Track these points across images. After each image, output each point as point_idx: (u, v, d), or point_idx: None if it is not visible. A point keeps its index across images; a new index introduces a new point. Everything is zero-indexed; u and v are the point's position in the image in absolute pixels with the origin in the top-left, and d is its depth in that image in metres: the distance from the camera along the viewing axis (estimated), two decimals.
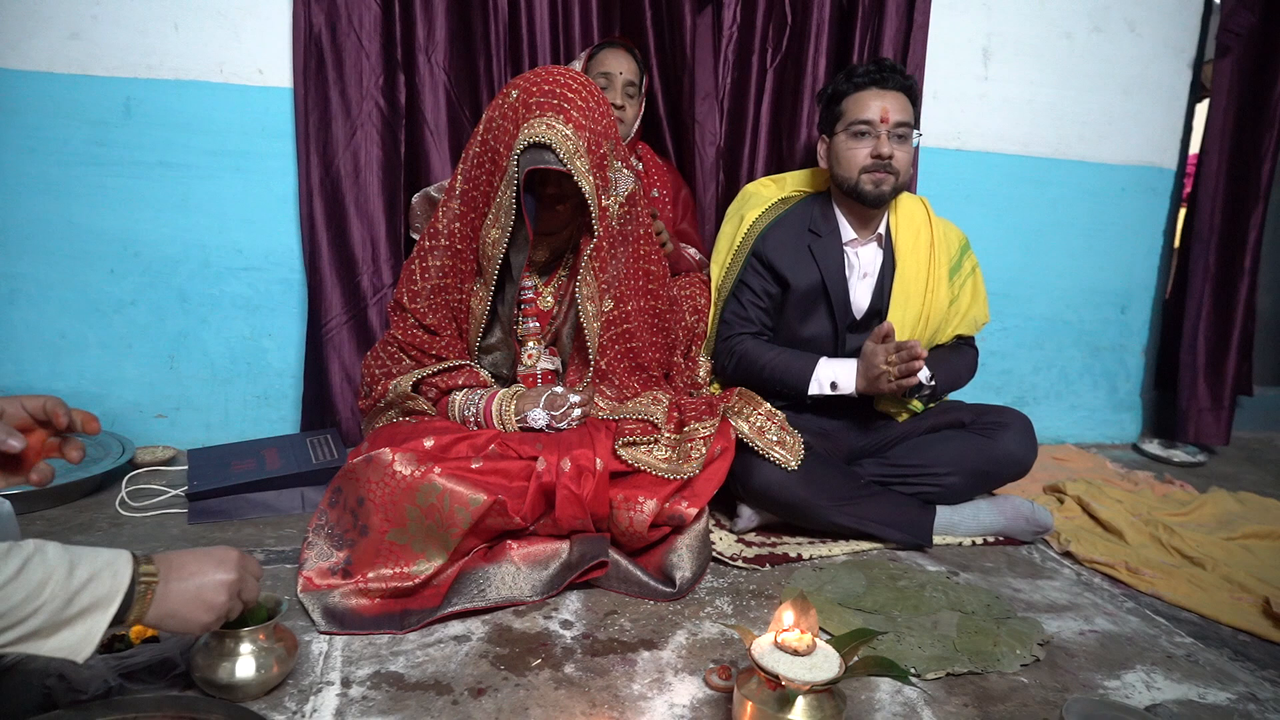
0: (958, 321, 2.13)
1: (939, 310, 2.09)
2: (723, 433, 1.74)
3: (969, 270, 2.15)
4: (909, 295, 2.06)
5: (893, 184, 1.99)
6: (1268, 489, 2.46)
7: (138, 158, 2.21)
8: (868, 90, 2.00)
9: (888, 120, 1.97)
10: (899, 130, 1.98)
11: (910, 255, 2.08)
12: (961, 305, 2.13)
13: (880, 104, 1.97)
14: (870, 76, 2.00)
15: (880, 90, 1.99)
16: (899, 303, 2.06)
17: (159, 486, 1.98)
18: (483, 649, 1.38)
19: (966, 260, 2.16)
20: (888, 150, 1.96)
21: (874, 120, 1.97)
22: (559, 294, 1.86)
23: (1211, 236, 2.88)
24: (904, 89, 2.01)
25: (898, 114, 1.97)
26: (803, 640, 1.12)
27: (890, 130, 1.97)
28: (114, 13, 2.14)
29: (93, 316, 2.25)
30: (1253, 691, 1.39)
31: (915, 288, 2.07)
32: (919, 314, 2.07)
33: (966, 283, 2.14)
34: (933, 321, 2.09)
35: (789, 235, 2.08)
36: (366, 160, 2.28)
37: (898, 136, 1.99)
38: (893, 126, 1.97)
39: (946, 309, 2.10)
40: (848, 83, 2.03)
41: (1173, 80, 2.86)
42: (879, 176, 1.98)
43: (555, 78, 1.66)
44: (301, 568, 1.55)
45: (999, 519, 1.96)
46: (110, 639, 1.24)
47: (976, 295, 2.16)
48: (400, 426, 1.69)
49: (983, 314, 2.18)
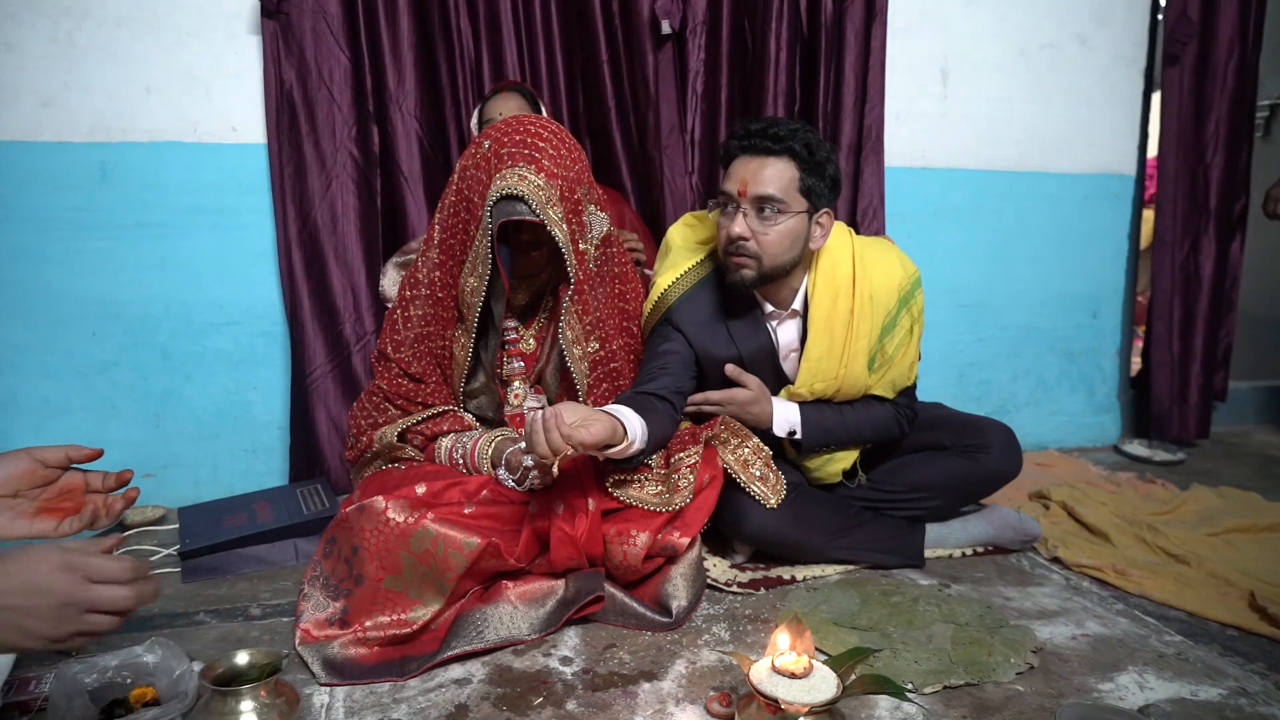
0: (876, 384, 1.90)
1: (853, 381, 1.86)
2: (709, 461, 1.76)
3: (905, 328, 1.87)
4: (818, 373, 1.85)
5: (755, 269, 1.73)
6: (1247, 483, 2.51)
7: (115, 220, 2.22)
8: (737, 159, 1.73)
9: (745, 194, 1.69)
10: (763, 205, 1.69)
11: (823, 331, 1.82)
12: (887, 368, 1.88)
13: (741, 174, 1.70)
14: (740, 141, 1.72)
15: (748, 158, 1.71)
16: (804, 380, 1.85)
17: (151, 547, 1.98)
18: (484, 690, 1.39)
19: (904, 316, 1.86)
20: (737, 230, 1.70)
21: (731, 193, 1.72)
22: (540, 335, 1.88)
23: (1174, 238, 2.96)
24: (782, 153, 1.69)
25: (760, 186, 1.68)
26: (799, 663, 1.14)
27: (749, 205, 1.70)
28: (85, 79, 2.17)
29: (76, 380, 2.25)
30: (1243, 685, 1.41)
31: (825, 366, 1.84)
32: (825, 389, 1.87)
33: (901, 344, 1.87)
34: (844, 393, 1.89)
35: (702, 311, 1.84)
36: (343, 209, 2.31)
37: (761, 213, 1.70)
38: (752, 201, 1.69)
39: (866, 377, 1.87)
40: (725, 147, 1.78)
41: (1127, 90, 2.94)
42: (736, 261, 1.74)
43: (526, 127, 1.69)
44: (299, 620, 1.55)
45: (987, 530, 1.99)
46: (110, 703, 1.24)
47: (905, 357, 1.89)
48: (391, 474, 1.70)
49: (904, 377, 1.92)
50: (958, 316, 2.88)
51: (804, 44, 2.56)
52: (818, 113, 2.55)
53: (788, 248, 1.74)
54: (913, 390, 2.00)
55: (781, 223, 1.71)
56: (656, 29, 2.42)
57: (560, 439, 1.39)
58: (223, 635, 1.59)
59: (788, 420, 1.89)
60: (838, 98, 2.56)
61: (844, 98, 2.55)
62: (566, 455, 1.41)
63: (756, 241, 1.71)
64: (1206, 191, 2.95)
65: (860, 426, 1.92)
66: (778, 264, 1.75)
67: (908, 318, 1.87)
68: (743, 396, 1.84)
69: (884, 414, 1.94)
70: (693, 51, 2.51)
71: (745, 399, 1.84)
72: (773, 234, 1.71)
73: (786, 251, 1.74)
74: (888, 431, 1.96)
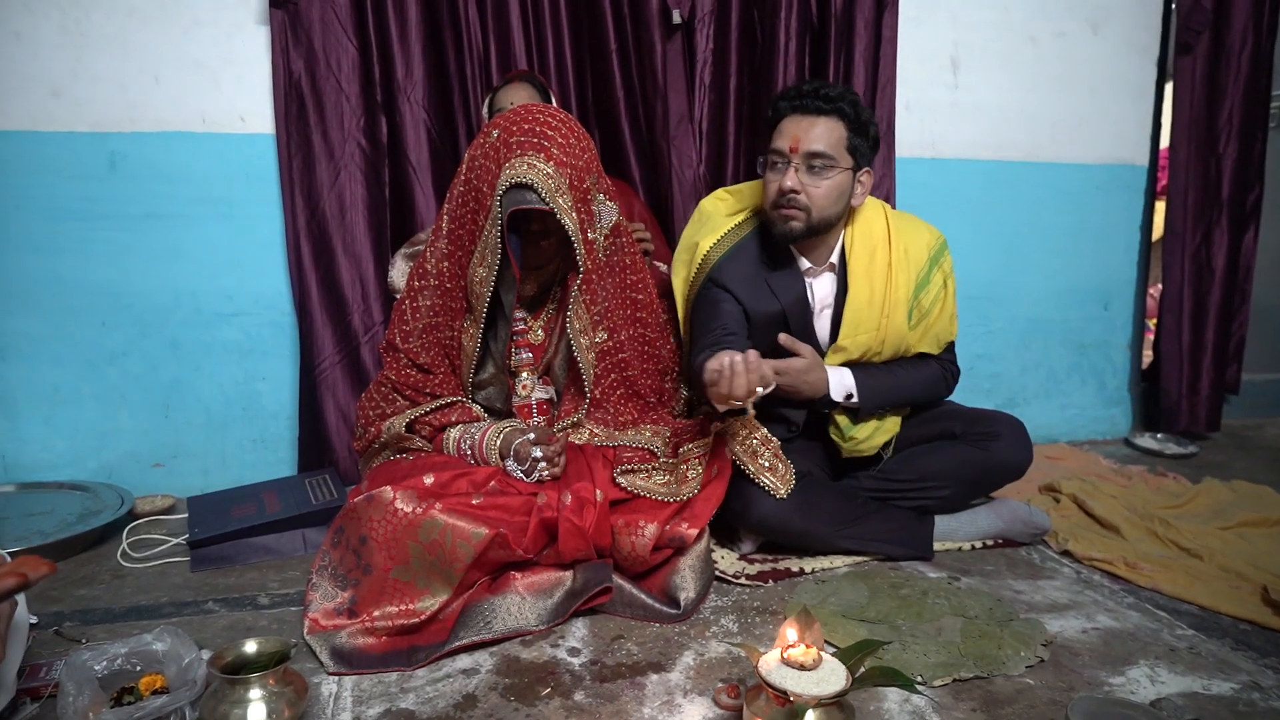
0: (920, 340, 1.97)
1: (897, 335, 1.93)
2: (717, 453, 1.76)
3: (939, 284, 1.97)
4: (860, 324, 1.91)
5: (804, 221, 1.82)
6: (1260, 476, 2.48)
7: (124, 210, 2.23)
8: (787, 118, 1.83)
9: (797, 150, 1.79)
10: (813, 161, 1.79)
11: (863, 280, 1.91)
12: (928, 322, 1.96)
13: (794, 132, 1.80)
14: (791, 102, 1.83)
15: (799, 117, 1.81)
16: (848, 332, 1.91)
17: (160, 536, 1.99)
18: (492, 681, 1.39)
19: (936, 273, 1.97)
20: (789, 184, 1.79)
21: (783, 149, 1.81)
22: (548, 327, 1.88)
23: (1185, 229, 2.93)
24: (832, 113, 1.80)
25: (812, 143, 1.78)
26: (808, 655, 1.13)
27: (801, 161, 1.79)
28: (94, 69, 2.17)
29: (86, 369, 2.26)
30: (1255, 680, 1.40)
31: (867, 315, 1.91)
32: (871, 341, 1.92)
33: (937, 298, 1.96)
34: (890, 346, 1.94)
35: (745, 267, 1.92)
36: (352, 200, 2.31)
37: (811, 168, 1.80)
38: (803, 157, 1.79)
39: (907, 331, 1.94)
40: (773, 108, 1.87)
41: (1139, 78, 2.91)
42: (786, 213, 1.82)
43: (535, 116, 1.68)
44: (307, 609, 1.55)
45: (997, 523, 1.98)
46: (119, 692, 1.24)
47: (944, 311, 1.97)
48: (399, 464, 1.70)
49: (947, 330, 2.00)
50: (967, 308, 2.85)
51: (813, 34, 2.54)
52: None
53: (834, 201, 1.83)
54: (953, 346, 2.06)
55: (830, 177, 1.81)
56: (665, 19, 2.40)
57: (756, 379, 1.52)
58: (231, 624, 1.60)
59: (843, 385, 1.91)
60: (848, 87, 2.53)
61: (854, 87, 2.53)
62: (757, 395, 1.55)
63: (806, 194, 1.80)
64: (1219, 182, 2.92)
65: (912, 385, 1.98)
66: (825, 216, 1.84)
67: (939, 273, 1.97)
68: (799, 365, 1.86)
69: (932, 372, 2.01)
70: (701, 41, 2.50)
71: (801, 367, 1.86)
72: (822, 187, 1.81)
73: (833, 205, 1.84)
74: (935, 389, 2.02)
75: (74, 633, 1.54)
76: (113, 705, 1.22)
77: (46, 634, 1.53)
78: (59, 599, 1.70)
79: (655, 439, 1.77)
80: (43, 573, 0.99)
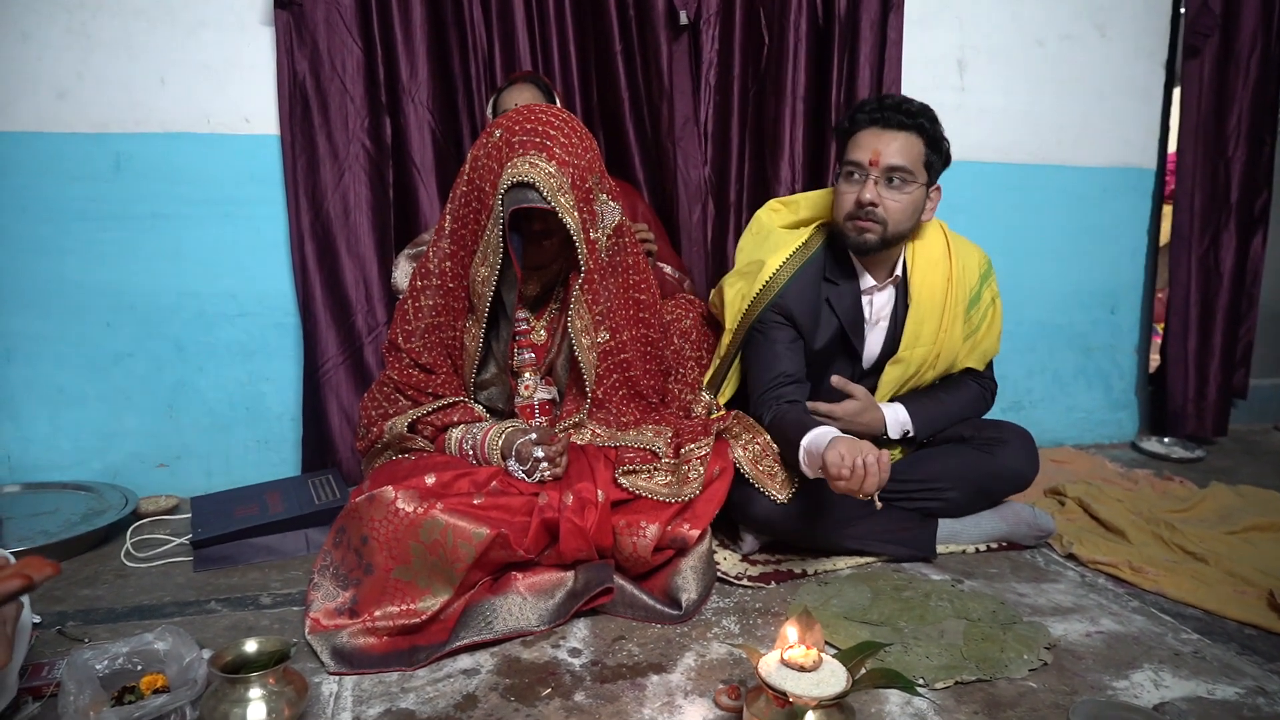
0: (968, 356, 2.04)
1: (952, 348, 1.99)
2: (720, 453, 1.75)
3: (988, 301, 2.03)
4: (920, 336, 1.96)
5: (880, 234, 1.83)
6: (1267, 481, 2.47)
7: (129, 211, 2.23)
8: (866, 130, 1.84)
9: (878, 163, 1.80)
10: (892, 175, 1.81)
11: (926, 294, 1.95)
12: (976, 338, 2.02)
13: (874, 145, 1.81)
14: (870, 115, 1.84)
15: (879, 130, 1.82)
16: (908, 344, 1.96)
17: (163, 536, 1.99)
18: (492, 681, 1.38)
19: (986, 290, 2.03)
20: (868, 196, 1.80)
21: (862, 162, 1.82)
22: (551, 327, 1.87)
23: (1192, 233, 2.92)
24: (912, 129, 1.81)
25: (892, 157, 1.80)
26: (809, 656, 1.13)
27: (880, 175, 1.81)
28: (100, 70, 2.18)
29: (90, 370, 2.27)
30: (1260, 685, 1.39)
31: (928, 328, 1.96)
32: (928, 354, 1.97)
33: (986, 315, 2.03)
34: (944, 359, 2.00)
35: (807, 288, 1.93)
36: (356, 201, 2.31)
37: (891, 182, 1.82)
38: (883, 171, 1.81)
39: (960, 345, 2.00)
40: (851, 120, 1.88)
41: (1146, 82, 2.90)
42: (862, 225, 1.84)
43: (537, 116, 1.68)
44: (308, 609, 1.55)
45: (1001, 525, 1.97)
46: (120, 691, 1.24)
47: (992, 328, 2.04)
48: (401, 464, 1.70)
49: (993, 347, 2.07)
50: None
51: (819, 35, 2.53)
52: (831, 104, 2.52)
53: (909, 216, 1.86)
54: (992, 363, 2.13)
55: (908, 192, 1.83)
56: (671, 19, 2.40)
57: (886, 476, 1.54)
58: (233, 624, 1.60)
59: (899, 423, 1.97)
60: (852, 89, 2.53)
61: (858, 89, 2.52)
62: None
63: (884, 208, 1.82)
64: (1228, 186, 2.91)
65: (959, 410, 2.04)
66: (899, 230, 1.86)
67: (989, 292, 2.04)
68: (852, 408, 1.91)
69: (974, 393, 2.08)
70: (707, 43, 2.50)
71: (854, 410, 1.91)
72: (901, 202, 1.83)
73: (908, 219, 1.86)
74: (978, 409, 2.09)
75: (77, 632, 1.54)
76: (114, 704, 1.22)
77: (49, 633, 1.53)
78: (62, 599, 1.70)
79: (657, 439, 1.77)
80: (46, 574, 0.99)
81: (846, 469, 1.53)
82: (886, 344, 2.00)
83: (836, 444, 1.58)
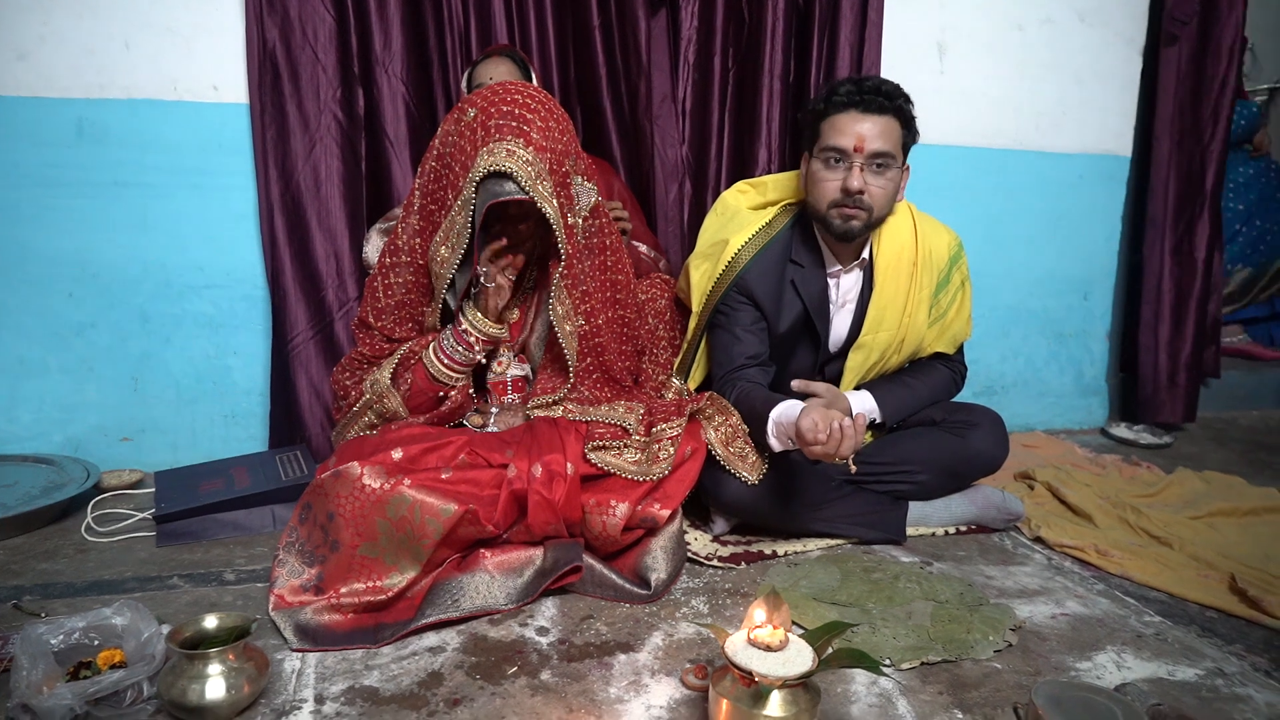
0: (936, 339, 2.02)
1: (917, 332, 1.98)
2: (692, 434, 1.75)
3: (958, 284, 2.02)
4: (883, 321, 1.94)
5: (865, 220, 1.80)
6: (1232, 467, 2.51)
7: (92, 178, 2.18)
8: (846, 113, 1.78)
9: (862, 149, 1.76)
10: (876, 161, 1.78)
11: (890, 278, 1.93)
12: (944, 323, 2.01)
13: (857, 130, 1.76)
14: (850, 97, 1.78)
15: (860, 114, 1.77)
16: (871, 328, 1.94)
17: (126, 510, 1.95)
18: (458, 659, 1.37)
19: (955, 273, 2.01)
20: (857, 184, 1.76)
21: (845, 148, 1.77)
22: (524, 306, 1.85)
23: (1165, 220, 2.93)
24: (891, 112, 1.78)
25: (876, 142, 1.76)
26: (775, 636, 1.12)
27: (865, 161, 1.77)
28: (62, 33, 2.11)
29: (52, 341, 2.21)
30: (1220, 666, 1.41)
31: (891, 312, 1.94)
32: (892, 339, 1.96)
33: (955, 298, 2.01)
34: (909, 344, 1.99)
35: (771, 268, 1.90)
36: (327, 174, 2.26)
37: (875, 167, 1.78)
38: (868, 157, 1.77)
39: (926, 330, 1.99)
40: (827, 101, 1.81)
41: (1125, 69, 2.91)
42: (848, 212, 1.80)
43: (514, 96, 1.64)
44: (273, 586, 1.53)
45: (971, 509, 1.98)
46: (76, 666, 1.22)
47: (961, 311, 2.02)
48: (367, 440, 1.67)
49: (964, 331, 2.05)
50: None
51: (799, 15, 2.51)
52: (810, 85, 2.51)
53: (891, 199, 1.84)
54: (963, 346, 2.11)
55: (890, 177, 1.81)
56: None
57: (862, 438, 1.55)
58: (196, 600, 1.58)
59: (865, 410, 1.94)
60: (831, 70, 2.51)
61: (838, 70, 2.50)
62: None
63: (869, 194, 1.79)
64: (1203, 174, 2.92)
65: (927, 394, 2.02)
66: (882, 214, 1.85)
67: (958, 275, 2.01)
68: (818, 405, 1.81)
69: (942, 377, 2.07)
70: (686, 20, 2.46)
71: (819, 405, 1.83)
72: (886, 186, 1.81)
73: (890, 203, 1.85)
74: (947, 392, 2.08)
75: (34, 606, 1.51)
76: (69, 679, 1.20)
77: (5, 608, 1.50)
78: (20, 572, 1.67)
79: (629, 415, 1.75)
80: None
81: (822, 433, 1.52)
82: (853, 328, 1.98)
83: (810, 410, 1.57)
